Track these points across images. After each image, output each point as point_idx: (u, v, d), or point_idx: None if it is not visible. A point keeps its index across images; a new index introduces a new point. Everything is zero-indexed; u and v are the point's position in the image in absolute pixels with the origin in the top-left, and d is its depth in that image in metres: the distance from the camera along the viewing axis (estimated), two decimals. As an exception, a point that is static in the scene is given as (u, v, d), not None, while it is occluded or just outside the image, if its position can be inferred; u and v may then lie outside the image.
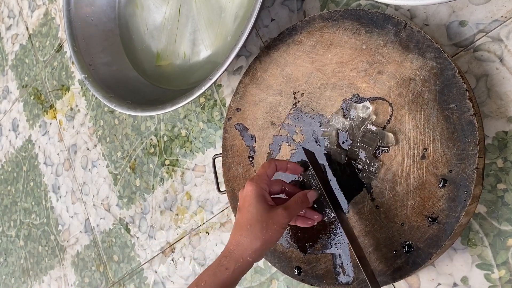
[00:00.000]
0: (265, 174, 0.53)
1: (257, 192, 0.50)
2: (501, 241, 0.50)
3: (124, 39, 0.86)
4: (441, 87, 0.49)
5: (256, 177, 0.52)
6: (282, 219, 0.49)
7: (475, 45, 0.53)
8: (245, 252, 0.49)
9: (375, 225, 0.53)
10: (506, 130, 0.50)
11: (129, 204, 0.90)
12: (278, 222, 0.49)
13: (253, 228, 0.49)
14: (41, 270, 1.10)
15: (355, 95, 0.55)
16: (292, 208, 0.51)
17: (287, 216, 0.50)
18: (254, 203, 0.50)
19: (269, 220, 0.49)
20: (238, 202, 0.53)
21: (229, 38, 0.71)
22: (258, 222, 0.49)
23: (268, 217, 0.49)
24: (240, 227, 0.50)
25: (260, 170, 0.53)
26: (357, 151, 0.54)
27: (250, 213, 0.49)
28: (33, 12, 1.13)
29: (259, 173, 0.53)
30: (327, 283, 0.56)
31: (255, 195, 0.50)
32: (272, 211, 0.50)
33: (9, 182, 1.21)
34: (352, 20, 0.56)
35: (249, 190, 0.51)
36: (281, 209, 0.50)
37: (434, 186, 0.49)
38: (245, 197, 0.51)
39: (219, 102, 0.77)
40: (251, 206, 0.50)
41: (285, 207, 0.51)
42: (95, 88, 0.78)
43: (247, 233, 0.49)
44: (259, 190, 0.51)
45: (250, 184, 0.51)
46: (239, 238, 0.49)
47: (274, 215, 0.49)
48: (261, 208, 0.49)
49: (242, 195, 0.52)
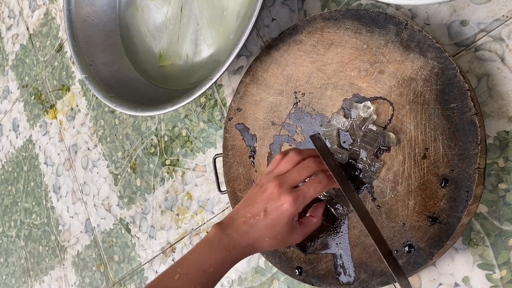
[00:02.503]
0: (310, 199, 0.49)
1: (292, 215, 0.48)
2: (503, 241, 0.50)
3: (124, 39, 0.86)
4: (442, 87, 0.49)
5: (301, 199, 0.48)
6: (297, 241, 0.52)
7: (476, 45, 0.53)
8: (252, 252, 0.51)
9: (376, 225, 0.53)
10: (507, 130, 0.50)
11: (130, 204, 0.90)
12: (294, 242, 0.52)
13: (269, 242, 0.50)
14: (42, 270, 1.10)
15: (356, 95, 0.55)
16: (308, 232, 0.53)
17: (302, 239, 0.52)
18: (283, 223, 0.48)
19: (285, 242, 0.51)
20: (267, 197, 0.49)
21: (231, 36, 0.71)
22: (276, 240, 0.50)
23: (286, 240, 0.50)
24: (259, 234, 0.49)
25: (310, 191, 0.49)
26: (358, 151, 0.54)
27: (275, 230, 0.49)
28: (33, 12, 1.13)
29: (306, 196, 0.49)
30: (328, 283, 0.56)
31: (288, 217, 0.48)
32: (292, 235, 0.50)
33: (9, 182, 1.21)
34: (353, 19, 0.56)
35: (286, 210, 0.48)
36: (300, 236, 0.51)
37: (435, 186, 0.49)
38: (279, 212, 0.48)
39: (220, 102, 0.77)
40: (278, 225, 0.48)
41: (303, 234, 0.52)
42: (96, 88, 0.78)
43: (261, 242, 0.49)
44: (295, 214, 0.49)
45: (292, 204, 0.48)
46: (253, 242, 0.49)
47: (291, 239, 0.51)
48: (286, 230, 0.49)
49: (277, 203, 0.48)
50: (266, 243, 0.50)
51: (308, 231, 0.52)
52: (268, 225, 0.49)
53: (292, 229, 0.50)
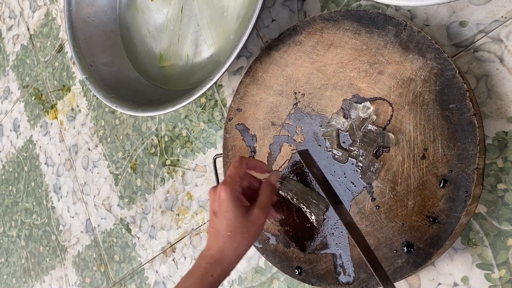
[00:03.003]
0: (237, 175, 0.51)
1: (232, 196, 0.49)
2: (501, 241, 0.50)
3: (125, 39, 0.86)
4: (442, 88, 0.49)
5: (228, 180, 0.50)
6: (259, 219, 0.50)
7: (475, 46, 0.53)
8: (230, 257, 0.50)
9: (375, 225, 0.53)
10: (506, 130, 0.51)
11: (130, 204, 0.90)
12: (257, 223, 0.50)
13: (234, 234, 0.49)
14: (42, 270, 1.10)
15: (355, 96, 0.56)
16: (265, 204, 0.52)
17: (263, 215, 0.51)
18: (231, 208, 0.49)
19: (248, 224, 0.50)
20: (211, 204, 0.51)
21: (232, 37, 0.71)
22: (238, 228, 0.49)
23: (246, 221, 0.50)
24: (220, 234, 0.50)
25: (232, 170, 0.51)
26: (357, 151, 0.55)
27: (228, 220, 0.49)
28: (34, 12, 1.14)
29: (231, 174, 0.51)
30: (327, 283, 0.56)
31: (231, 200, 0.49)
32: (249, 214, 0.50)
33: (10, 182, 1.21)
34: (353, 20, 0.56)
35: (224, 195, 0.49)
36: (257, 210, 0.50)
37: (434, 186, 0.49)
38: (221, 202, 0.50)
39: (220, 103, 0.77)
40: (228, 212, 0.49)
41: (259, 206, 0.51)
42: (96, 88, 0.78)
43: (229, 240, 0.49)
44: (234, 193, 0.50)
45: (224, 188, 0.50)
46: (222, 245, 0.50)
47: (251, 218, 0.50)
48: (239, 213, 0.49)
49: (215, 198, 0.50)
50: (233, 238, 0.49)
51: (262, 201, 0.51)
52: (222, 221, 0.49)
53: (244, 209, 0.50)
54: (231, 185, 0.50)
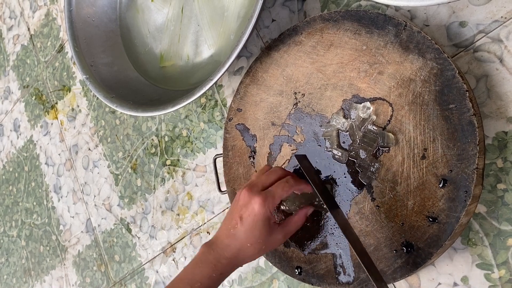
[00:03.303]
0: (279, 199, 0.51)
1: (265, 216, 0.50)
2: (501, 241, 0.50)
3: (125, 40, 0.86)
4: (441, 88, 0.49)
5: (270, 199, 0.50)
6: (279, 243, 0.53)
7: (475, 46, 0.53)
8: (241, 263, 0.52)
9: (375, 225, 0.53)
10: (506, 131, 0.51)
11: (130, 204, 0.90)
12: (275, 245, 0.52)
13: (252, 248, 0.51)
14: (43, 270, 1.10)
15: (355, 96, 0.56)
16: (291, 233, 0.53)
17: (284, 241, 0.53)
18: (259, 226, 0.50)
19: (268, 244, 0.51)
20: (240, 206, 0.51)
21: (232, 36, 0.71)
22: (259, 244, 0.51)
23: (268, 241, 0.51)
24: (240, 241, 0.50)
25: (279, 192, 0.51)
26: (357, 151, 0.55)
27: (253, 235, 0.50)
28: (34, 12, 1.14)
29: (275, 195, 0.50)
30: (327, 282, 0.56)
31: (262, 218, 0.50)
32: (273, 235, 0.51)
33: (10, 182, 1.21)
34: (353, 21, 0.56)
35: (258, 210, 0.49)
36: (281, 235, 0.52)
37: (434, 186, 0.49)
38: (252, 215, 0.49)
39: (220, 103, 0.77)
40: (255, 228, 0.50)
41: (285, 233, 0.52)
42: (97, 88, 0.78)
43: (245, 250, 0.51)
44: (267, 214, 0.50)
45: (262, 205, 0.49)
46: (237, 252, 0.50)
47: (273, 240, 0.52)
48: (265, 232, 0.50)
49: (248, 206, 0.50)
50: (249, 250, 0.50)
51: (289, 230, 0.53)
52: (246, 231, 0.50)
53: (270, 230, 0.51)
54: (269, 205, 0.50)
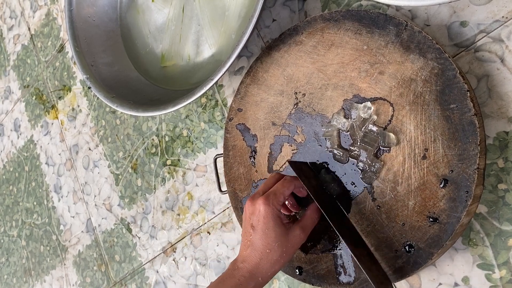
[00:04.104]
0: (282, 195, 0.50)
1: (274, 214, 0.49)
2: (502, 241, 0.50)
3: (125, 39, 0.86)
4: (442, 88, 0.49)
5: (272, 196, 0.50)
6: (300, 240, 0.51)
7: (476, 46, 0.53)
8: (265, 274, 0.49)
9: (376, 225, 0.53)
10: (507, 131, 0.51)
11: (131, 204, 0.90)
12: (296, 244, 0.50)
13: (273, 253, 0.49)
14: (43, 270, 1.10)
15: (356, 96, 0.56)
16: (308, 228, 0.52)
17: (304, 237, 0.51)
18: (272, 226, 0.49)
19: (288, 244, 0.50)
20: (248, 216, 0.50)
21: (233, 36, 0.71)
22: (279, 247, 0.49)
23: (287, 241, 0.49)
24: (258, 250, 0.49)
25: (279, 188, 0.51)
26: (358, 151, 0.55)
27: (269, 237, 0.49)
28: (35, 12, 1.14)
29: (277, 192, 0.50)
30: (328, 283, 0.56)
31: (272, 218, 0.49)
32: (290, 233, 0.50)
33: (11, 182, 1.21)
34: (353, 20, 0.56)
35: (264, 211, 0.49)
36: (299, 231, 0.50)
37: (435, 186, 0.49)
38: (261, 218, 0.49)
39: (221, 103, 0.77)
40: (269, 230, 0.49)
41: (302, 227, 0.51)
42: (97, 88, 0.78)
43: (267, 257, 0.49)
44: (275, 212, 0.49)
45: (266, 204, 0.49)
46: (259, 261, 0.49)
47: (292, 238, 0.50)
48: (280, 232, 0.49)
49: (255, 211, 0.50)
50: (270, 257, 0.49)
51: (305, 224, 0.52)
52: (262, 237, 0.49)
53: (284, 228, 0.50)
54: (273, 202, 0.49)
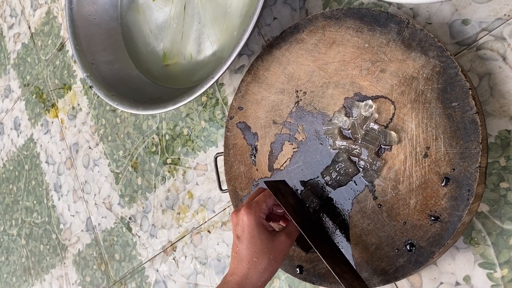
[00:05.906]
0: (264, 204, 0.51)
1: (257, 222, 0.49)
2: (504, 240, 0.50)
3: (126, 38, 0.86)
4: (444, 86, 0.49)
5: (254, 205, 0.50)
6: (286, 246, 0.50)
7: (478, 44, 0.53)
8: (256, 284, 0.49)
9: (377, 223, 0.53)
10: (509, 129, 0.50)
11: (131, 203, 0.90)
12: (283, 250, 0.50)
13: (260, 261, 0.49)
14: (43, 268, 1.10)
15: (357, 94, 0.55)
16: (293, 234, 0.52)
17: (290, 243, 0.51)
18: (256, 234, 0.49)
19: (275, 251, 0.49)
20: (234, 227, 0.51)
21: (235, 33, 0.71)
22: (265, 254, 0.49)
23: (273, 248, 0.49)
24: (246, 260, 0.49)
25: (261, 197, 0.51)
26: (359, 149, 0.54)
27: (255, 246, 0.49)
28: (35, 11, 1.14)
29: (258, 201, 0.51)
30: (329, 282, 0.56)
31: (256, 225, 0.49)
32: (275, 240, 0.50)
33: (10, 181, 1.21)
34: (355, 18, 0.56)
35: (247, 220, 0.49)
36: (284, 237, 0.50)
37: (436, 185, 0.49)
38: (245, 227, 0.49)
39: (221, 101, 0.77)
40: (254, 238, 0.49)
41: (287, 233, 0.51)
42: (97, 86, 0.78)
43: (254, 266, 0.49)
44: (258, 220, 0.49)
45: (247, 212, 0.49)
46: (247, 272, 0.49)
47: (278, 244, 0.50)
48: (265, 238, 0.49)
49: (238, 222, 0.50)
50: (258, 265, 0.49)
51: (291, 230, 0.52)
52: (247, 246, 0.49)
53: (270, 235, 0.50)
54: (255, 210, 0.50)
